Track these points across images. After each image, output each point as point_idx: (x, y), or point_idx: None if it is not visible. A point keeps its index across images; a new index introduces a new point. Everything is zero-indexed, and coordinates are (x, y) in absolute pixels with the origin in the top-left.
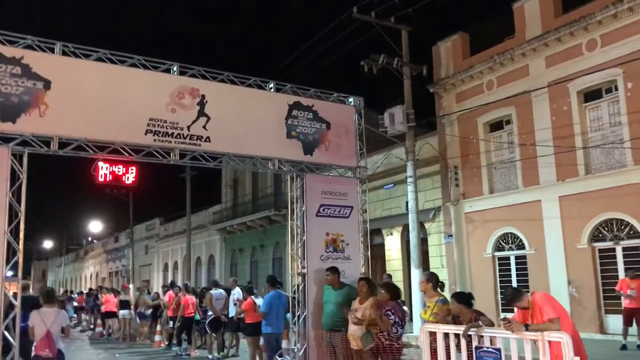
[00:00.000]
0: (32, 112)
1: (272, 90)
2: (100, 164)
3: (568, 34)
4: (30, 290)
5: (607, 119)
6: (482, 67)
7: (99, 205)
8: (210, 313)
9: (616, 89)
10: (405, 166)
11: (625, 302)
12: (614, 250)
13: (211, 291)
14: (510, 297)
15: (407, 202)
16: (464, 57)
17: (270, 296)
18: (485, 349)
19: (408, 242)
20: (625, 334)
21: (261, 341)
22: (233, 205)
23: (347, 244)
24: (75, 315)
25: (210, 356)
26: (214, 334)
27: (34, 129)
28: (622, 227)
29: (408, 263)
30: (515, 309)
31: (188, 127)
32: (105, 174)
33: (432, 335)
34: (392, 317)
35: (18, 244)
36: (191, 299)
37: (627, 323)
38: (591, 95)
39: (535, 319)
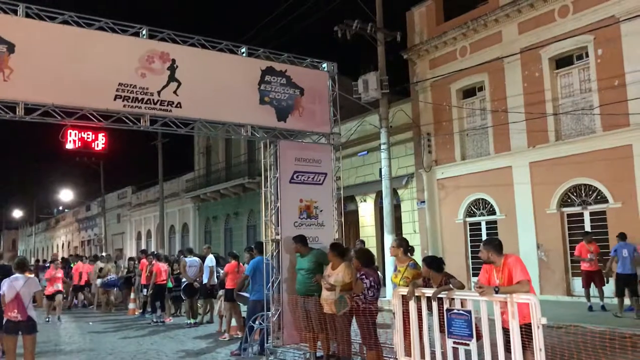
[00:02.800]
0: None
1: (244, 54)
2: (69, 130)
3: (541, 0)
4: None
5: (578, 86)
6: (455, 33)
7: (70, 174)
8: (184, 280)
9: (587, 55)
10: (379, 133)
11: (584, 266)
12: (581, 215)
13: (185, 258)
14: (496, 247)
15: (380, 169)
16: (437, 23)
17: (257, 260)
18: (456, 311)
19: (381, 208)
20: (587, 296)
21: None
22: (206, 173)
23: (321, 211)
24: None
25: (188, 321)
26: (188, 300)
27: None
28: (590, 193)
29: (381, 229)
30: (482, 267)
31: (158, 93)
32: (74, 140)
33: (404, 298)
34: (366, 281)
35: None
36: (163, 266)
37: (587, 286)
38: (562, 62)
39: (502, 277)
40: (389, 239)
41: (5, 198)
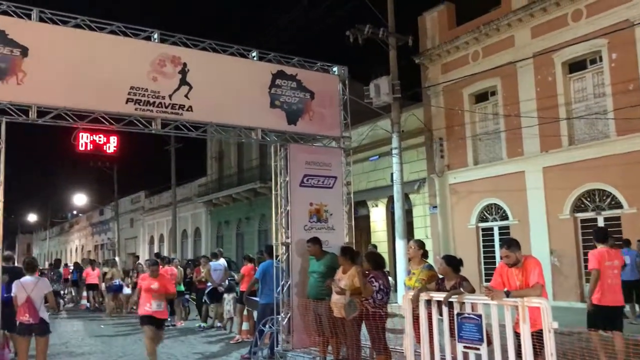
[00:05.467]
0: (9, 79)
1: (255, 58)
2: (81, 133)
3: (554, 4)
4: (16, 263)
5: (591, 90)
6: (467, 37)
7: (84, 179)
8: (209, 284)
9: (601, 59)
10: (390, 138)
11: None
12: (595, 220)
13: (210, 262)
14: (519, 246)
15: (392, 174)
16: (449, 28)
17: (267, 264)
18: (466, 315)
19: (393, 213)
20: None
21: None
22: (219, 177)
23: (331, 214)
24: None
25: (217, 324)
26: (213, 304)
27: (12, 97)
28: (604, 198)
29: (393, 234)
30: (495, 272)
31: (170, 96)
32: (86, 143)
33: (415, 302)
34: (375, 284)
35: None
36: (171, 269)
37: None
38: (576, 66)
39: (521, 279)
40: (400, 244)
41: (20, 202)
